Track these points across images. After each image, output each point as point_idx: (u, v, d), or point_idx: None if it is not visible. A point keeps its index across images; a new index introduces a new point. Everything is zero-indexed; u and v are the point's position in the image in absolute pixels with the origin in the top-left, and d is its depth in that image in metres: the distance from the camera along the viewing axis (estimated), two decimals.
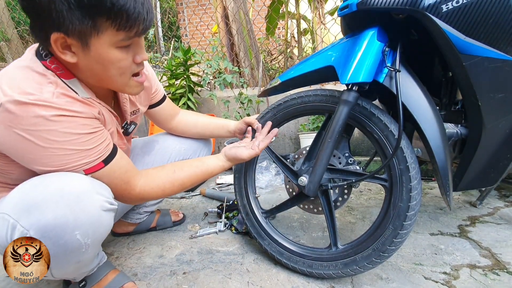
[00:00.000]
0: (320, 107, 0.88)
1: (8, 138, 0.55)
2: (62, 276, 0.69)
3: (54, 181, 0.57)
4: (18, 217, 0.54)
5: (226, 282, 0.86)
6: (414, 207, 0.71)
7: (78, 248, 0.59)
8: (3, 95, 0.52)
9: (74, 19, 0.53)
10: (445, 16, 0.65)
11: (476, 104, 0.72)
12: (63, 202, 0.55)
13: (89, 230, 0.59)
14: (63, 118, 0.56)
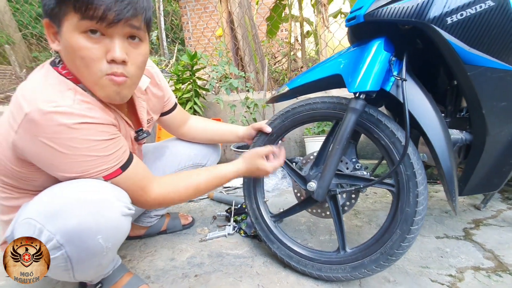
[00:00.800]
0: (328, 114, 0.90)
1: (32, 146, 0.58)
2: (83, 279, 0.72)
3: (76, 187, 0.60)
4: (45, 223, 0.57)
5: (237, 285, 0.88)
6: (421, 212, 0.74)
7: (100, 252, 0.62)
8: (27, 106, 0.55)
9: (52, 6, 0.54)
10: (450, 28, 0.67)
11: (480, 111, 0.75)
12: (86, 209, 0.58)
13: (110, 234, 0.62)
14: (84, 126, 0.58)
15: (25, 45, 4.87)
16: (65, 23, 0.55)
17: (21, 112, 0.55)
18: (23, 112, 0.55)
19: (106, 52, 0.58)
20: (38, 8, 4.94)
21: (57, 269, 0.62)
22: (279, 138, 1.00)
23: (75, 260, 0.60)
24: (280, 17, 3.07)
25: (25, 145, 0.58)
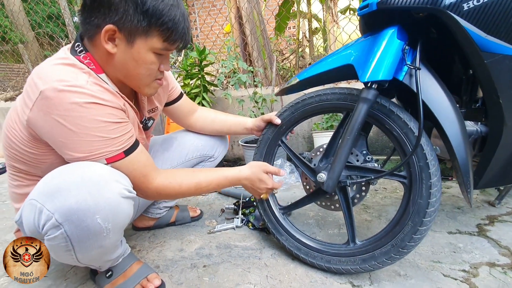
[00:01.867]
0: (338, 105, 0.89)
1: (45, 123, 0.61)
2: (88, 262, 0.72)
3: (76, 169, 0.62)
4: (44, 202, 0.59)
5: (246, 276, 0.88)
6: (434, 204, 0.72)
7: (99, 232, 0.62)
8: (42, 84, 0.58)
9: (134, 19, 0.62)
10: (466, 15, 0.65)
11: (497, 101, 0.72)
12: (84, 188, 0.59)
13: (109, 215, 0.62)
14: (94, 106, 0.61)
15: (38, 44, 4.98)
16: (142, 40, 0.65)
17: (36, 90, 0.59)
18: (38, 90, 0.58)
19: (160, 65, 0.72)
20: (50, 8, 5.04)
21: (58, 249, 0.64)
22: (289, 130, 1.00)
23: (75, 240, 0.61)
24: (288, 12, 3.05)
25: (38, 122, 0.61)
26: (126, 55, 0.66)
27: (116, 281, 0.82)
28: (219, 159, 1.20)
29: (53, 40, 4.52)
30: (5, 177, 2.35)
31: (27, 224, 0.63)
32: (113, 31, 0.63)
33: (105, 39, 0.63)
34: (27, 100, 0.61)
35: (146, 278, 0.83)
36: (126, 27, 0.62)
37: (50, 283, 0.91)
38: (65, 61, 0.64)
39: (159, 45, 0.67)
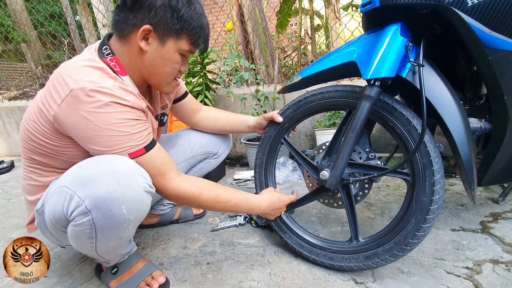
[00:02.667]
0: (341, 103, 0.89)
1: (73, 119, 0.64)
2: (102, 252, 0.74)
3: (107, 161, 0.65)
4: (76, 189, 0.61)
5: (249, 273, 0.89)
6: (437, 201, 0.72)
7: (122, 222, 0.65)
8: (73, 83, 0.63)
9: (170, 22, 0.69)
10: (470, 11, 0.65)
11: (502, 98, 0.72)
12: (114, 179, 0.62)
13: (133, 206, 0.65)
14: (118, 106, 0.66)
15: (40, 43, 5.00)
16: (173, 41, 0.72)
17: (66, 88, 0.63)
18: (69, 88, 0.62)
19: (181, 65, 0.79)
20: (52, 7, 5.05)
21: (81, 236, 0.65)
22: (291, 128, 1.00)
23: (100, 227, 0.63)
24: (290, 9, 3.04)
25: (66, 117, 0.65)
26: (156, 54, 0.73)
27: (122, 278, 0.83)
28: (223, 156, 1.21)
29: (56, 39, 4.53)
30: (9, 176, 2.38)
31: (54, 210, 0.65)
32: (149, 31, 0.69)
33: (141, 37, 0.70)
34: (55, 96, 0.65)
35: (151, 275, 0.84)
36: (161, 28, 0.69)
37: (56, 280, 0.92)
38: (94, 64, 0.68)
39: (186, 47, 0.74)
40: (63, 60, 4.28)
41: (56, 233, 0.73)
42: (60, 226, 0.68)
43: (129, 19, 0.69)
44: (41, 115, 0.68)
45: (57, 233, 0.73)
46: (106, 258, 0.79)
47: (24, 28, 4.72)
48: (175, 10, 0.68)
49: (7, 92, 3.37)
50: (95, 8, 2.56)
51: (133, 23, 0.69)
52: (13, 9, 4.71)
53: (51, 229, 0.72)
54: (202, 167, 1.17)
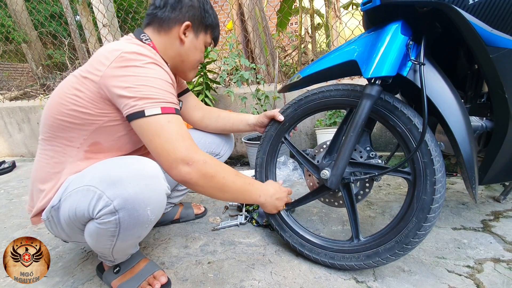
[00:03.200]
0: (342, 102, 0.89)
1: (119, 74, 0.70)
2: (117, 251, 0.75)
3: (134, 163, 0.68)
4: (104, 189, 0.63)
5: (250, 272, 0.89)
6: (438, 200, 0.72)
7: (145, 222, 0.68)
8: (122, 48, 0.71)
9: (203, 20, 0.88)
10: (472, 9, 0.65)
11: (503, 96, 0.72)
12: (142, 181, 0.65)
13: (156, 208, 0.68)
14: (159, 68, 0.74)
15: (41, 43, 5.00)
16: (203, 34, 0.90)
17: (115, 53, 0.70)
18: (118, 52, 0.70)
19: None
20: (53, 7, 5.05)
21: (104, 234, 0.67)
22: (292, 127, 1.00)
23: (124, 227, 0.65)
24: (290, 8, 3.03)
25: (113, 74, 0.69)
26: (191, 44, 0.88)
27: (124, 277, 0.83)
28: (225, 157, 1.21)
29: (56, 39, 4.54)
30: (10, 176, 2.38)
31: (77, 207, 0.66)
32: (189, 26, 0.85)
33: (182, 31, 0.84)
34: (103, 61, 0.71)
35: (152, 275, 0.85)
36: (196, 24, 0.87)
37: (57, 280, 0.92)
38: (136, 42, 0.80)
39: (209, 40, 0.93)
40: (63, 60, 4.29)
41: (68, 229, 0.74)
42: (78, 223, 0.70)
43: (172, 16, 0.83)
44: (83, 82, 0.72)
45: (70, 230, 0.74)
46: (115, 257, 0.79)
47: (25, 29, 4.72)
48: (206, 11, 0.88)
49: (8, 92, 3.38)
50: (95, 8, 2.56)
51: (175, 19, 0.84)
52: (13, 10, 4.72)
53: (65, 225, 0.73)
54: None
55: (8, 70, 4.91)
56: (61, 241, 1.17)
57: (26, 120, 2.92)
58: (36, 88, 3.56)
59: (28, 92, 3.44)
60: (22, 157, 3.03)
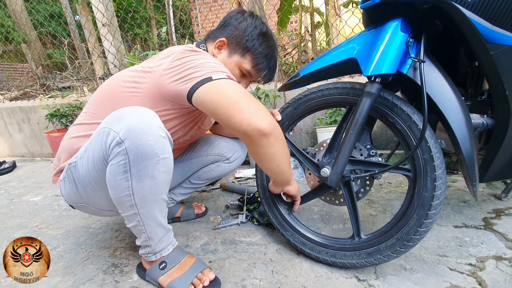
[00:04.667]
0: (341, 100, 0.88)
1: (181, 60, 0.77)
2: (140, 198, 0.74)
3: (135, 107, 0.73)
4: (112, 126, 0.70)
5: (251, 271, 0.89)
6: (439, 196, 0.72)
7: (151, 155, 0.70)
8: (183, 47, 0.81)
9: (240, 42, 0.91)
10: (471, 6, 0.64)
11: (504, 93, 0.71)
12: (141, 116, 0.70)
13: (157, 142, 0.71)
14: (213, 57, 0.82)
15: (40, 43, 5.00)
16: (238, 56, 0.92)
17: (176, 50, 0.79)
18: (179, 50, 0.79)
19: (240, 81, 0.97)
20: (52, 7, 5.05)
21: (117, 172, 0.70)
22: (292, 125, 0.99)
23: (132, 158, 0.69)
24: (290, 7, 3.02)
25: (175, 62, 0.77)
26: (223, 61, 0.90)
27: (173, 273, 0.83)
28: (235, 164, 1.21)
29: (56, 39, 4.54)
30: (10, 176, 2.38)
31: (94, 153, 0.73)
32: (224, 42, 0.92)
33: (216, 45, 0.92)
34: (163, 55, 0.81)
35: (202, 272, 0.84)
36: (232, 43, 0.92)
37: (59, 279, 0.92)
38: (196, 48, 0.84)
39: (247, 67, 0.93)
40: (63, 60, 4.29)
41: (87, 187, 0.80)
42: (97, 176, 0.75)
43: (217, 33, 0.93)
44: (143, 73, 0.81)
45: (88, 188, 0.80)
46: (147, 224, 0.79)
47: (24, 29, 4.72)
48: (249, 34, 0.90)
49: (8, 92, 3.38)
50: (95, 8, 2.56)
51: (219, 35, 0.93)
52: (13, 10, 4.72)
53: (84, 183, 0.79)
54: (212, 169, 1.18)
55: (8, 70, 4.91)
56: (62, 241, 1.17)
57: (26, 120, 2.92)
58: (36, 88, 3.56)
59: (28, 92, 3.44)
60: (22, 157, 3.04)
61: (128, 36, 4.66)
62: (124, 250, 1.07)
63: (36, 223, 1.38)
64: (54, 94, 2.97)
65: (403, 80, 0.77)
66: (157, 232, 0.82)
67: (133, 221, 0.79)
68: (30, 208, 1.58)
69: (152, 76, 0.79)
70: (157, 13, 6.63)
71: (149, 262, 0.87)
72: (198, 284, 0.81)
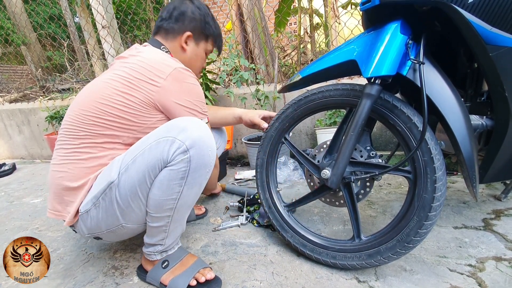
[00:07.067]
0: (341, 101, 0.89)
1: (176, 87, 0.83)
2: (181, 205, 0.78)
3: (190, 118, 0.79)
4: (175, 135, 0.74)
5: (252, 272, 0.89)
6: (439, 198, 0.72)
7: (207, 164, 0.77)
8: (173, 65, 0.84)
9: (203, 30, 0.98)
10: (471, 7, 0.65)
11: (503, 95, 0.72)
12: (203, 130, 0.76)
13: (213, 151, 0.78)
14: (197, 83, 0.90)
15: (40, 45, 5.00)
16: (203, 43, 1.01)
17: (169, 68, 0.82)
18: (172, 68, 0.82)
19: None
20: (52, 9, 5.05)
21: (175, 178, 0.74)
22: (292, 127, 1.00)
23: (193, 166, 0.74)
24: (289, 8, 3.03)
25: (171, 88, 0.82)
26: (192, 52, 0.99)
27: (175, 271, 0.85)
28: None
29: (55, 41, 4.54)
30: (11, 178, 2.37)
31: (149, 162, 0.73)
32: (190, 36, 0.96)
33: (183, 40, 0.95)
34: (158, 74, 0.82)
35: (203, 268, 0.86)
36: (196, 33, 0.97)
37: (59, 282, 0.92)
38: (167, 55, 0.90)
39: (210, 48, 1.03)
40: (63, 62, 4.29)
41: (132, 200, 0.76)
42: (147, 182, 0.75)
43: (175, 27, 0.95)
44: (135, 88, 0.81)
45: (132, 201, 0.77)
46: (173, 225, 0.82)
47: (24, 31, 4.72)
48: (207, 22, 0.98)
49: (8, 94, 3.37)
50: (94, 10, 2.56)
51: (179, 30, 0.95)
52: (12, 12, 4.71)
53: (129, 196, 0.76)
54: None
55: (7, 72, 4.91)
56: (62, 243, 1.17)
57: (26, 122, 2.91)
58: (36, 90, 3.56)
59: (27, 94, 3.43)
60: (22, 159, 3.03)
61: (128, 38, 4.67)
62: (124, 252, 1.07)
63: (36, 225, 1.38)
64: (54, 96, 2.97)
65: (403, 81, 0.77)
66: (177, 233, 0.86)
67: (161, 222, 0.80)
68: (30, 210, 1.58)
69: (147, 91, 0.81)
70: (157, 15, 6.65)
71: (151, 262, 0.87)
72: (200, 277, 0.83)
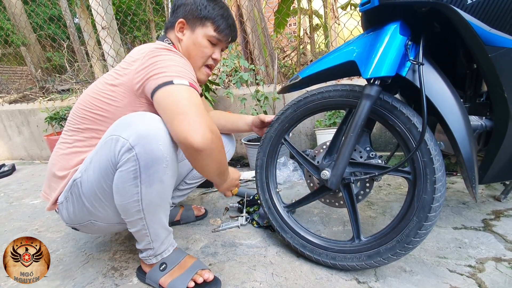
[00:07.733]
0: (341, 102, 0.89)
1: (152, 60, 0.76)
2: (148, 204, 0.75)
3: (141, 113, 0.74)
4: (120, 133, 0.70)
5: (251, 273, 0.89)
6: (439, 199, 0.72)
7: (161, 159, 0.71)
8: (153, 45, 0.80)
9: (195, 13, 0.90)
10: (470, 8, 0.65)
11: (502, 95, 0.72)
12: (149, 121, 0.71)
13: (167, 147, 0.72)
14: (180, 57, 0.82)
15: (40, 46, 5.00)
16: (200, 28, 0.91)
17: (146, 49, 0.79)
18: (149, 49, 0.78)
19: (211, 53, 0.95)
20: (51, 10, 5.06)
21: (127, 179, 0.70)
22: (292, 128, 1.00)
23: (143, 164, 0.69)
24: (289, 9, 3.04)
25: (146, 62, 0.77)
26: (189, 40, 0.92)
27: (173, 273, 0.84)
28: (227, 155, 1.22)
29: (55, 41, 4.54)
30: (10, 179, 2.37)
31: (101, 162, 0.72)
32: (183, 23, 0.91)
33: (177, 29, 0.91)
34: (136, 57, 0.79)
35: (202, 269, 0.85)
36: (190, 19, 0.90)
37: (58, 283, 0.92)
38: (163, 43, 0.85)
39: (212, 33, 0.91)
40: (62, 62, 4.29)
41: (94, 200, 0.77)
42: (104, 186, 0.74)
43: (173, 20, 0.92)
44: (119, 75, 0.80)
45: (95, 201, 0.77)
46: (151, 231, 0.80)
47: (24, 31, 4.72)
48: (200, 4, 0.89)
49: (8, 95, 3.37)
50: (94, 11, 2.56)
51: (173, 20, 0.92)
52: (12, 13, 4.72)
53: (91, 196, 0.77)
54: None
55: (7, 73, 4.91)
56: (62, 244, 1.17)
57: (25, 123, 2.91)
58: (36, 91, 3.56)
59: (27, 95, 3.43)
60: (21, 160, 3.03)
61: (128, 39, 4.67)
62: (124, 253, 1.07)
63: (35, 226, 1.37)
64: (54, 97, 2.97)
65: (402, 82, 0.77)
66: (160, 235, 0.83)
67: (137, 226, 0.79)
68: (29, 211, 1.58)
69: (126, 78, 0.79)
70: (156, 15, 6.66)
71: (149, 265, 0.87)
72: (198, 278, 0.82)
